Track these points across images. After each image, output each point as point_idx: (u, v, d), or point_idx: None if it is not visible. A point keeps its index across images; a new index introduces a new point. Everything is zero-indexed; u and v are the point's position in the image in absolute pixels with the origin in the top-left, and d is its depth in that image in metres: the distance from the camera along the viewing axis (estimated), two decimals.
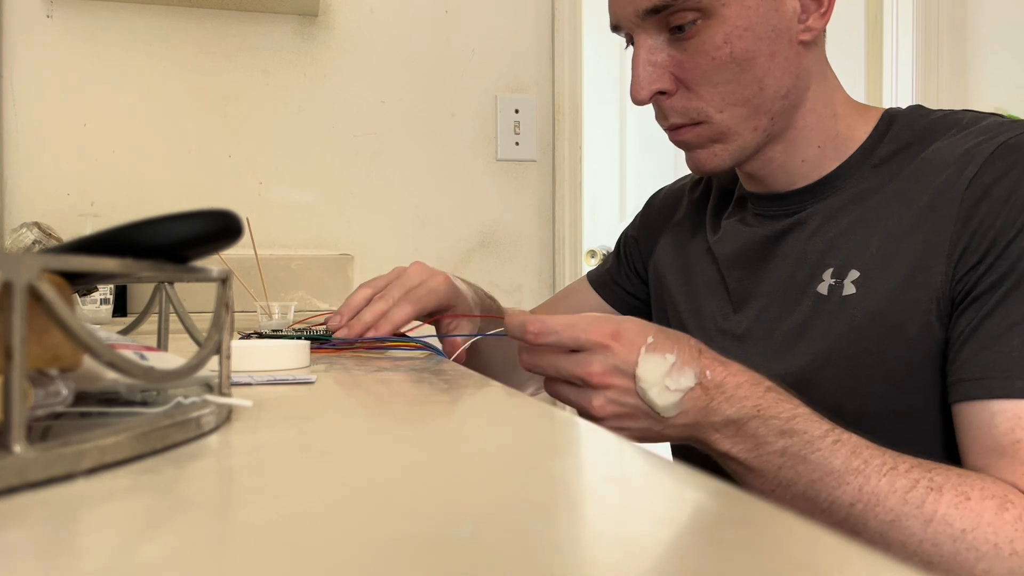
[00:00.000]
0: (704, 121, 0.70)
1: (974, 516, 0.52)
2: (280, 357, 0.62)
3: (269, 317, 0.99)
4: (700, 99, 0.69)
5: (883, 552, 0.21)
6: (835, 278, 0.67)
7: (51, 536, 0.23)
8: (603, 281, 0.95)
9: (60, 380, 0.33)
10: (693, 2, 0.65)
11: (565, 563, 0.21)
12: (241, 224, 0.37)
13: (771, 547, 0.22)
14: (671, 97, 0.70)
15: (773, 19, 0.67)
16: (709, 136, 0.70)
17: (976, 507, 0.52)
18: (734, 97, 0.68)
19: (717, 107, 0.69)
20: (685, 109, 0.70)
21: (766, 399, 0.57)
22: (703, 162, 0.72)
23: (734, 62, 0.67)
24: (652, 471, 0.31)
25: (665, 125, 0.72)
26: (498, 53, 1.72)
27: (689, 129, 0.71)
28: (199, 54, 1.57)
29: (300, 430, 0.39)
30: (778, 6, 0.67)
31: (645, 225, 0.94)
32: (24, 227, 1.23)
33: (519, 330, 0.58)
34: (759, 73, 0.67)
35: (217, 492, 0.29)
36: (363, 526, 0.24)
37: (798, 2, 0.68)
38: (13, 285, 0.26)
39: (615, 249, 0.98)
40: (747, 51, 0.66)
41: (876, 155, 0.71)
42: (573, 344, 0.57)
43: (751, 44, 0.66)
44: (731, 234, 0.79)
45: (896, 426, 0.63)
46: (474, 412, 0.48)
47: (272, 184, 1.60)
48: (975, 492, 0.53)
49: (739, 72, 0.67)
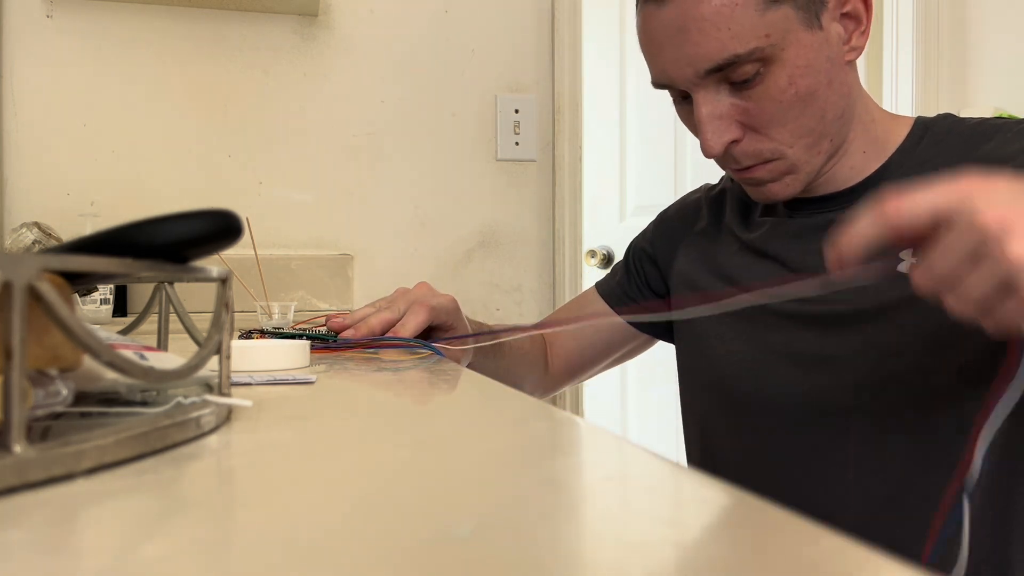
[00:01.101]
0: (778, 158, 0.71)
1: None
2: (280, 357, 0.62)
3: (269, 317, 0.99)
4: (771, 140, 0.70)
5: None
6: (916, 257, 0.68)
7: (51, 536, 0.23)
8: (615, 293, 0.95)
9: (60, 380, 0.33)
10: (756, 54, 0.66)
11: (565, 563, 0.21)
12: (241, 224, 0.37)
13: (771, 547, 0.22)
14: (740, 143, 0.71)
15: (825, 50, 0.68)
16: (782, 170, 0.72)
17: None
18: (801, 131, 0.69)
19: (788, 143, 0.70)
20: (758, 152, 0.71)
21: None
22: (775, 193, 0.73)
23: (799, 100, 0.68)
24: (652, 471, 0.31)
25: (736, 168, 0.73)
26: (498, 53, 1.72)
27: (761, 167, 0.72)
28: (199, 54, 1.57)
29: (300, 430, 0.39)
30: (827, 36, 0.68)
31: (663, 237, 0.93)
32: (24, 227, 1.23)
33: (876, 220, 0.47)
34: (820, 104, 0.69)
35: (217, 492, 0.29)
36: (363, 526, 0.24)
37: (840, 26, 0.70)
38: (13, 285, 0.26)
39: (624, 262, 0.97)
40: (809, 87, 0.68)
41: (918, 156, 0.72)
42: (943, 213, 0.45)
43: (812, 79, 0.68)
44: (779, 226, 0.78)
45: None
46: (474, 412, 0.48)
47: (272, 184, 1.60)
48: None
49: (804, 107, 0.69)
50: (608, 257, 2.14)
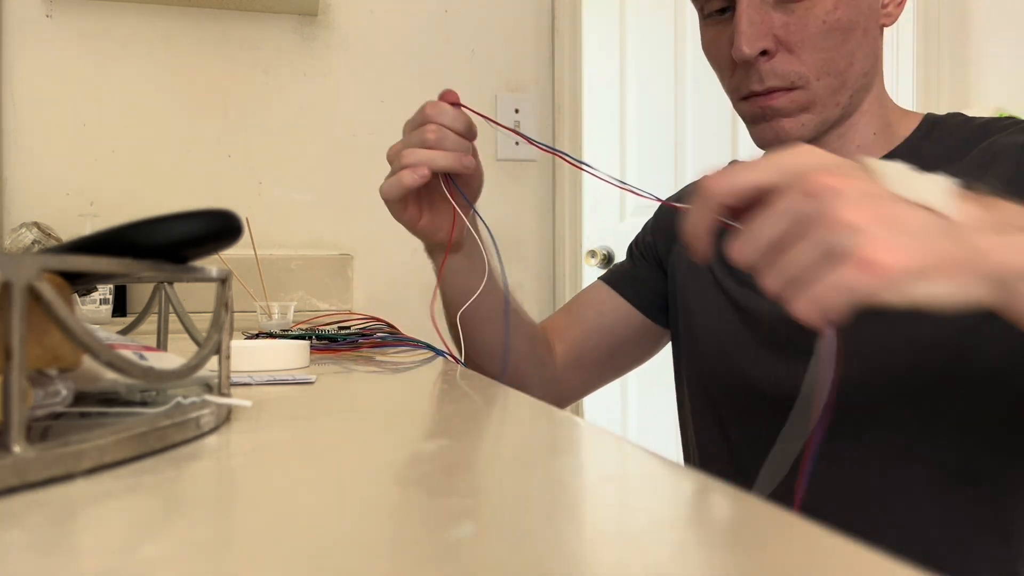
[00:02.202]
0: (801, 87, 0.69)
1: None
2: (280, 357, 0.62)
3: (269, 317, 0.99)
4: (802, 63, 0.69)
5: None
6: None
7: (51, 536, 0.23)
8: (624, 279, 0.93)
9: (60, 380, 0.33)
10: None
11: (565, 563, 0.21)
12: (241, 224, 0.37)
13: (771, 547, 0.22)
14: (772, 59, 0.69)
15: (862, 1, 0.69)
16: (801, 104, 0.70)
17: None
18: (831, 66, 0.69)
19: (815, 74, 0.69)
20: (786, 72, 0.69)
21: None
22: (788, 131, 0.71)
23: (839, 29, 0.68)
24: (652, 471, 0.31)
25: (760, 89, 0.71)
26: (498, 52, 1.72)
27: (783, 94, 0.70)
28: (199, 54, 1.57)
29: (300, 430, 0.39)
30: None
31: (661, 226, 0.93)
32: (23, 227, 1.23)
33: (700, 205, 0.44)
34: (853, 46, 0.69)
35: (216, 492, 0.29)
36: (362, 526, 0.24)
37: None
38: (13, 285, 0.26)
39: (628, 256, 0.96)
40: (851, 21, 0.68)
41: (924, 151, 0.72)
42: (765, 186, 0.42)
43: (854, 15, 0.68)
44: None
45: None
46: (474, 412, 0.48)
47: (272, 184, 1.60)
48: None
49: (841, 40, 0.68)
50: (608, 257, 2.14)
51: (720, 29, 0.72)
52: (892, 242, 0.38)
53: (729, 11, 0.71)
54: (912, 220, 0.40)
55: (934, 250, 0.39)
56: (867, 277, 0.38)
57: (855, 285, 0.38)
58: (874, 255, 0.38)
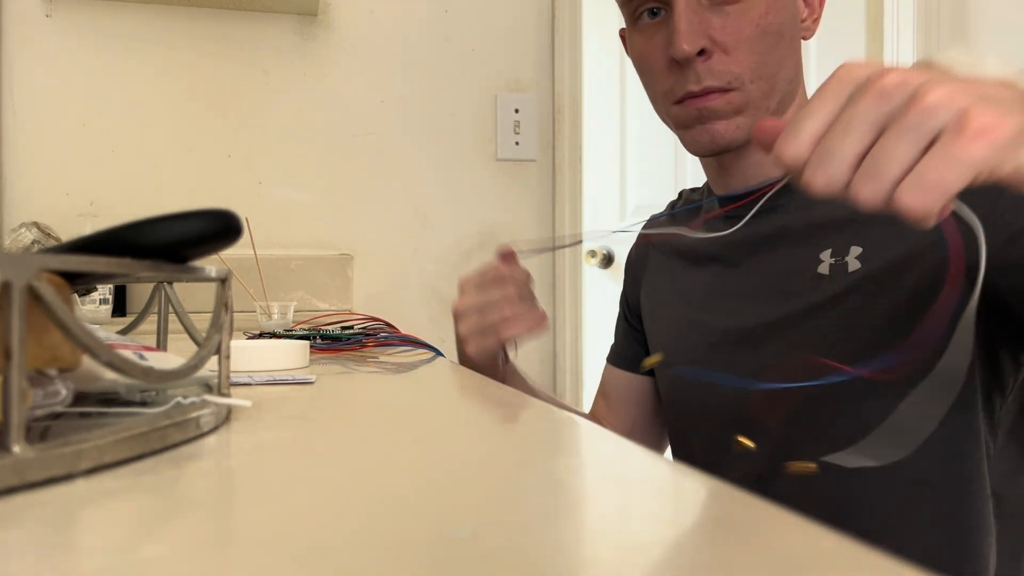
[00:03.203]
0: (736, 88, 0.71)
1: None
2: (280, 357, 0.62)
3: (269, 317, 0.99)
4: (738, 64, 0.70)
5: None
6: (835, 257, 0.69)
7: (50, 536, 0.23)
8: (617, 355, 0.94)
9: (59, 380, 0.33)
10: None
11: (565, 563, 0.21)
12: (240, 224, 0.37)
13: (771, 547, 0.22)
14: (709, 59, 0.70)
15: (792, 8, 0.72)
16: (736, 106, 0.71)
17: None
18: (764, 69, 0.71)
19: (750, 76, 0.70)
20: (722, 72, 0.70)
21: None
22: (723, 134, 0.72)
23: (772, 34, 0.70)
24: (652, 471, 0.31)
25: (697, 89, 0.71)
26: (498, 52, 1.72)
27: (720, 95, 0.71)
28: (199, 54, 1.57)
29: (299, 430, 0.39)
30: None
31: (630, 279, 0.96)
32: (23, 227, 1.22)
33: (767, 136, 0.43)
34: (783, 52, 0.71)
35: (216, 492, 0.29)
36: (362, 526, 0.24)
37: (803, 3, 0.74)
38: (12, 285, 0.26)
39: (618, 316, 0.98)
40: (780, 27, 0.70)
41: None
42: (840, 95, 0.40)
43: (784, 21, 0.71)
44: (710, 243, 0.80)
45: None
46: (474, 412, 0.48)
47: (272, 184, 1.60)
48: None
49: (773, 45, 0.70)
50: (608, 257, 2.14)
51: (652, 32, 0.73)
52: (998, 112, 0.36)
53: (661, 13, 0.72)
54: (999, 92, 0.38)
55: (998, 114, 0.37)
56: (982, 145, 0.36)
57: (973, 156, 0.36)
58: (985, 121, 0.36)
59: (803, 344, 0.70)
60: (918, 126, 0.37)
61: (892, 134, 0.38)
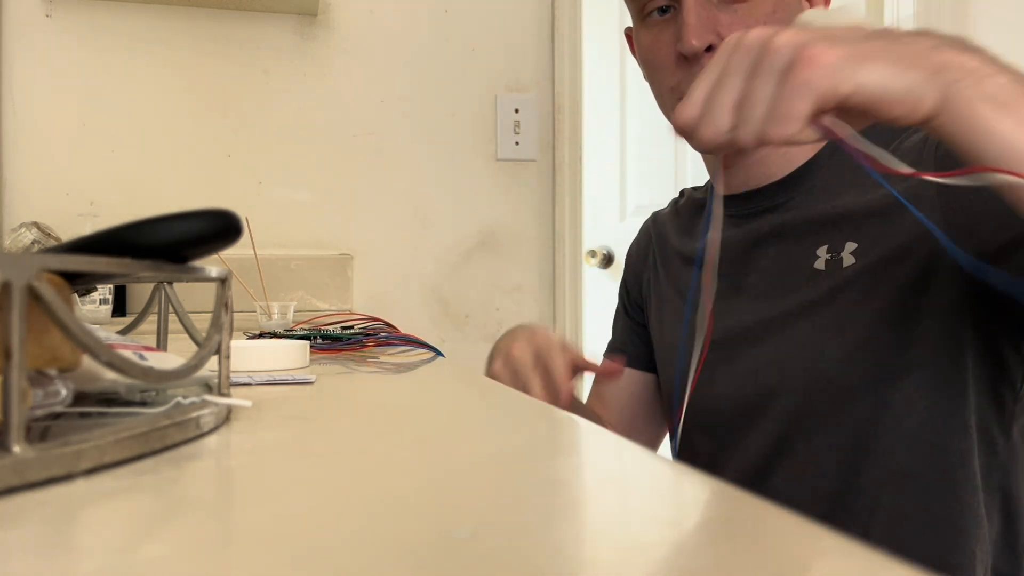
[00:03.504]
0: None
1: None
2: (280, 357, 0.62)
3: (269, 317, 0.99)
4: None
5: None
6: (831, 253, 0.69)
7: (50, 536, 0.23)
8: (625, 349, 0.93)
9: (59, 380, 0.33)
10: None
11: (565, 563, 0.21)
12: (240, 224, 0.37)
13: (771, 547, 0.22)
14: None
15: (800, 5, 0.72)
16: None
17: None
18: None
19: None
20: None
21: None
22: None
23: None
24: (652, 471, 0.31)
25: None
26: (498, 52, 1.71)
27: None
28: (199, 54, 1.57)
29: (299, 430, 0.39)
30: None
31: (630, 271, 0.96)
32: (23, 227, 1.22)
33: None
34: None
35: (216, 492, 0.29)
36: (362, 526, 0.24)
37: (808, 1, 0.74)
38: (12, 285, 0.26)
39: (617, 307, 0.98)
40: (787, 22, 0.70)
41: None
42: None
43: (789, 19, 0.70)
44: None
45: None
46: (474, 412, 0.48)
47: (272, 184, 1.60)
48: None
49: None
50: (608, 257, 2.14)
51: (661, 28, 0.74)
52: (831, 44, 0.42)
53: (671, 11, 0.73)
54: (845, 32, 0.44)
55: (872, 44, 0.43)
56: (814, 70, 0.42)
57: (810, 82, 0.42)
58: (816, 51, 0.42)
59: (801, 340, 0.70)
60: (769, 67, 0.44)
61: (752, 79, 0.45)
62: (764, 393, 0.72)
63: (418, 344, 0.80)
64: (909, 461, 0.66)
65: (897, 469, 0.66)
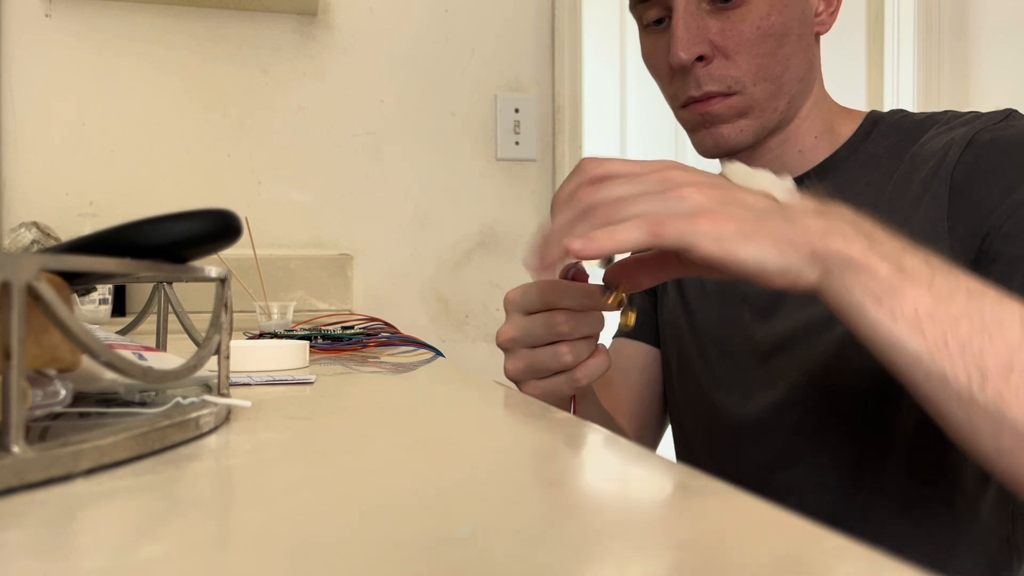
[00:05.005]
0: (738, 92, 0.70)
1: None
2: (279, 357, 0.62)
3: (268, 317, 0.99)
4: (738, 68, 0.70)
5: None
6: None
7: (49, 537, 0.23)
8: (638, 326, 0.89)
9: (59, 380, 0.33)
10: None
11: (565, 564, 0.21)
12: (240, 224, 0.37)
13: (771, 547, 0.22)
14: (709, 64, 0.70)
15: (801, 5, 0.71)
16: (738, 109, 0.71)
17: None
18: (767, 71, 0.70)
19: (752, 79, 0.70)
20: (723, 77, 0.70)
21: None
22: (727, 137, 0.72)
23: (774, 35, 0.69)
24: (652, 471, 0.31)
25: (698, 94, 0.71)
26: (498, 52, 1.71)
27: (721, 100, 0.71)
28: (198, 54, 1.57)
29: (299, 431, 0.39)
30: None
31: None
32: (23, 227, 1.22)
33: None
34: (788, 51, 0.70)
35: (216, 493, 0.29)
36: (362, 527, 0.24)
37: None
38: (12, 285, 0.26)
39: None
40: (784, 27, 0.69)
41: (864, 151, 0.73)
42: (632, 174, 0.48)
43: (788, 21, 0.70)
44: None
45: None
46: (474, 413, 0.48)
47: (271, 184, 1.60)
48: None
49: (776, 46, 0.69)
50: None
51: (657, 38, 0.73)
52: (728, 211, 0.44)
53: (666, 20, 0.72)
54: (749, 200, 0.46)
55: (765, 223, 0.44)
56: (704, 224, 0.43)
57: (694, 227, 0.43)
58: (712, 214, 0.44)
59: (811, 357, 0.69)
60: (668, 196, 0.45)
61: (647, 195, 0.46)
62: (770, 405, 0.72)
63: (418, 344, 0.80)
64: (910, 482, 0.65)
65: (899, 489, 0.66)
